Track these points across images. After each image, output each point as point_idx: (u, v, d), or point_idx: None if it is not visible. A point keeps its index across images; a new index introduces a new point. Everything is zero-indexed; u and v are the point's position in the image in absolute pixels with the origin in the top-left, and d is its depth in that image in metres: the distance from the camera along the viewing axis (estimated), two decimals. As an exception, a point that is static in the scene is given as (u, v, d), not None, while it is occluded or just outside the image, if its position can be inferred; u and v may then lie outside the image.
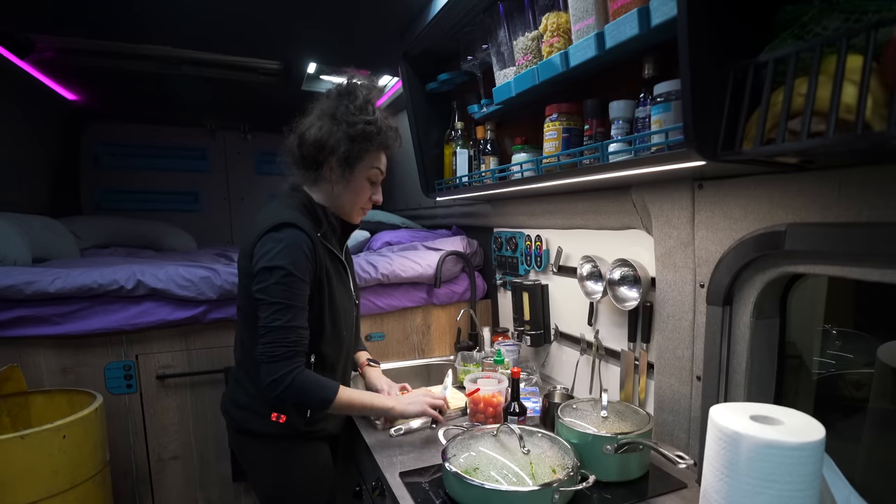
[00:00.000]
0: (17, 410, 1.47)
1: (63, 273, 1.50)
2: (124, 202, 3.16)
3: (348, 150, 1.10)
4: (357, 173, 1.14)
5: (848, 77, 0.59)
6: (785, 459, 0.67)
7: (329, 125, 1.10)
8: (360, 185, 1.16)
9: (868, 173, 0.73)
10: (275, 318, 1.02)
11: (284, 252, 1.03)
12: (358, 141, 1.10)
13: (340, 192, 1.16)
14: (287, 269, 1.03)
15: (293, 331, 1.04)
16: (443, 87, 1.81)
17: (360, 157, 1.13)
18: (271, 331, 1.03)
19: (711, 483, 0.74)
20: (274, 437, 1.15)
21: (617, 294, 1.27)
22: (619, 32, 0.90)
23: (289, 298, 1.03)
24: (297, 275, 1.04)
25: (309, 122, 1.13)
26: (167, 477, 1.69)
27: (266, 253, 1.04)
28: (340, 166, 1.12)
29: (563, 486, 0.89)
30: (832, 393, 1.11)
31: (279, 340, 1.02)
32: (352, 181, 1.15)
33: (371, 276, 1.82)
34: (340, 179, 1.14)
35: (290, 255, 1.03)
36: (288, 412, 1.13)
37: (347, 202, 1.18)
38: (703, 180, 1.00)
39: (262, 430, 1.14)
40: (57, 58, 2.04)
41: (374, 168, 1.16)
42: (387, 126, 1.15)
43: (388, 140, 1.15)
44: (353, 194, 1.16)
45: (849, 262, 0.79)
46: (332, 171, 1.13)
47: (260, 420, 1.14)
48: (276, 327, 1.02)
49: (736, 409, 0.77)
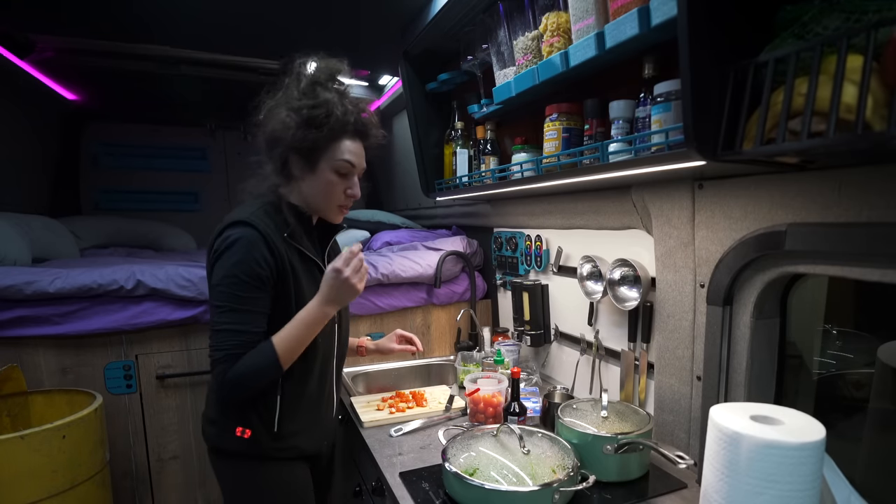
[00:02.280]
0: (16, 410, 1.47)
1: (63, 273, 1.50)
2: (124, 202, 3.16)
3: (301, 141, 0.99)
4: (321, 166, 1.02)
5: (848, 77, 0.59)
6: (785, 459, 0.67)
7: (281, 115, 0.99)
8: (327, 180, 1.03)
9: (868, 173, 0.72)
10: (217, 322, 0.95)
11: (231, 251, 0.95)
12: (306, 129, 0.98)
13: (309, 189, 1.04)
14: (231, 271, 0.94)
15: (235, 335, 0.94)
16: (443, 87, 1.81)
17: (317, 148, 1.01)
18: (214, 334, 0.95)
19: (712, 483, 0.74)
20: (242, 456, 1.04)
21: (617, 294, 1.27)
22: (619, 32, 0.90)
23: (233, 301, 0.94)
24: (241, 276, 0.94)
25: (265, 115, 1.03)
26: (167, 477, 1.69)
27: (215, 253, 0.97)
28: (301, 160, 1.02)
29: (564, 487, 0.89)
30: (832, 393, 1.10)
31: (220, 344, 0.94)
32: (317, 175, 1.03)
33: (371, 276, 1.82)
34: (305, 175, 1.03)
35: (237, 254, 0.94)
36: (253, 425, 1.02)
37: (318, 200, 1.06)
38: (703, 180, 1.00)
39: (229, 447, 1.04)
40: (57, 58, 2.04)
41: (340, 160, 1.02)
42: (343, 110, 1.01)
43: (344, 125, 1.01)
44: (321, 190, 1.04)
45: (849, 262, 0.79)
46: (296, 167, 1.03)
47: (225, 436, 1.03)
48: (218, 331, 0.95)
49: (736, 409, 0.77)
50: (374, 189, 3.38)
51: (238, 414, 1.03)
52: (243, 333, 0.95)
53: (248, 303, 0.96)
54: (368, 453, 1.22)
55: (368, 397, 1.52)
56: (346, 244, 2.67)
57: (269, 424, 1.03)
